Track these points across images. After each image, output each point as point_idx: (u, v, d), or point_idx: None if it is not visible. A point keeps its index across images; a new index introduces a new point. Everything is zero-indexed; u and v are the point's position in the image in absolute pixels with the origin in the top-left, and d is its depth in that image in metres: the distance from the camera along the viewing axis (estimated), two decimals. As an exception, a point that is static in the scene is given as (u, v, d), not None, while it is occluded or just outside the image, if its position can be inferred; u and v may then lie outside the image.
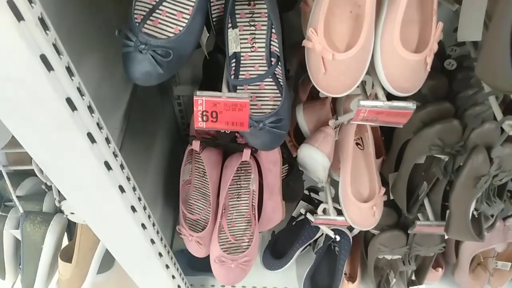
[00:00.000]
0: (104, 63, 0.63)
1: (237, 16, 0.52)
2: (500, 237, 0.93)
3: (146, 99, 1.00)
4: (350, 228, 1.03)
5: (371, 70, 0.54)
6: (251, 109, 0.55)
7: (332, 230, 0.99)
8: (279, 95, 0.54)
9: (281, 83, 0.53)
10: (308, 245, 1.07)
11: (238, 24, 0.52)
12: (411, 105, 0.53)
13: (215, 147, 0.68)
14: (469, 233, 0.72)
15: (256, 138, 0.55)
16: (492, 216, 0.78)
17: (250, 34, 0.53)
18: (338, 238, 0.96)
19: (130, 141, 0.83)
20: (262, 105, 0.56)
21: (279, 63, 0.52)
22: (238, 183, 0.74)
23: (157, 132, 1.03)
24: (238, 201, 0.74)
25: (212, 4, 0.53)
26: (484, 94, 0.68)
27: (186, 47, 0.45)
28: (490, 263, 1.02)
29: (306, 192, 1.02)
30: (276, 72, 0.53)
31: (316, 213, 0.83)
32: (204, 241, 0.72)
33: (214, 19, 0.54)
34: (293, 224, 1.06)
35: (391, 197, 0.86)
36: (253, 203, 0.72)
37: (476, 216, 0.73)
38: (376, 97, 0.55)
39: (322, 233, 1.01)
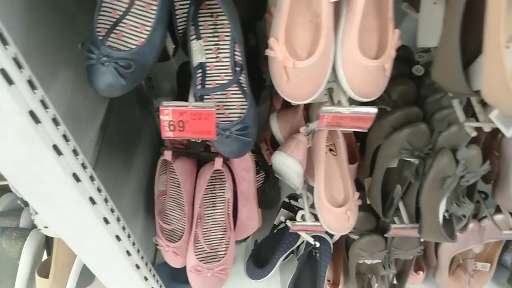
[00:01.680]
0: (79, 76, 0.63)
1: (200, 27, 0.53)
2: (476, 238, 0.94)
3: (125, 112, 1.00)
4: (331, 234, 1.04)
5: (335, 77, 0.56)
6: (219, 117, 0.57)
7: (313, 236, 1.00)
8: (245, 103, 0.55)
9: (246, 92, 0.55)
10: (291, 252, 1.08)
11: (202, 35, 0.53)
12: (372, 110, 0.55)
13: (188, 157, 0.68)
14: (441, 234, 0.73)
15: (224, 146, 0.56)
16: (464, 217, 0.79)
17: (214, 44, 0.54)
18: (318, 244, 0.96)
19: (108, 153, 0.84)
20: (229, 113, 0.57)
21: (243, 72, 0.53)
22: (213, 192, 0.74)
23: (138, 145, 1.03)
24: (214, 210, 0.74)
25: (178, 16, 0.55)
26: (448, 98, 0.70)
27: (147, 58, 0.46)
28: (469, 264, 1.03)
29: (286, 199, 1.03)
30: (241, 81, 0.55)
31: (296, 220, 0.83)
32: (181, 251, 0.72)
33: (180, 31, 0.56)
34: (275, 232, 1.07)
35: (369, 202, 0.88)
36: (228, 212, 0.73)
37: (447, 217, 0.75)
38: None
39: (303, 240, 1.02)
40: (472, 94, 0.48)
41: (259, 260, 1.08)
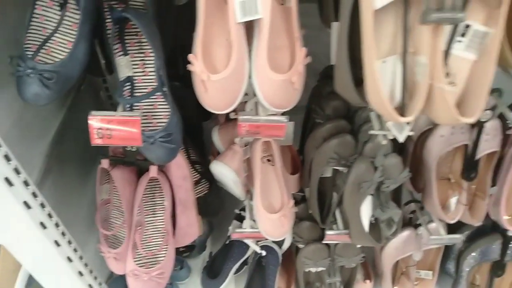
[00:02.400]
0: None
1: (127, 44, 0.59)
2: (413, 244, 0.99)
3: (82, 124, 1.05)
4: (280, 244, 1.08)
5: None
6: (147, 126, 0.62)
7: (261, 246, 1.04)
8: (169, 112, 0.60)
9: (171, 102, 0.60)
10: (245, 264, 1.11)
11: (128, 52, 0.59)
12: (284, 119, 0.61)
13: (127, 165, 0.73)
14: (367, 237, 0.78)
15: (151, 152, 0.61)
16: (394, 222, 0.85)
17: (140, 60, 0.60)
18: (264, 253, 1.00)
19: (61, 166, 0.87)
20: (157, 122, 0.62)
21: (164, 85, 0.59)
22: (153, 199, 0.78)
23: (96, 158, 1.07)
24: (154, 217, 0.78)
25: (108, 34, 0.61)
26: (367, 110, 0.77)
27: (71, 71, 0.51)
28: (412, 272, 1.08)
29: (237, 211, 1.07)
30: (166, 92, 0.60)
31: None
32: (121, 257, 0.76)
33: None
34: (227, 243, 1.10)
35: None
36: (168, 219, 0.77)
37: (373, 222, 0.80)
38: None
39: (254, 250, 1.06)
40: (364, 104, 0.55)
41: (213, 271, 1.11)
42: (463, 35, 0.49)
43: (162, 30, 0.61)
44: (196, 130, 0.97)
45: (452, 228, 1.09)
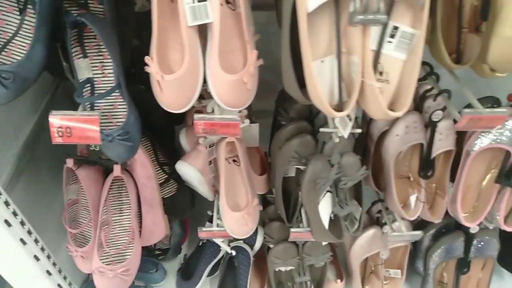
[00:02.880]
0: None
1: (86, 47, 0.62)
2: (379, 243, 1.02)
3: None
4: (251, 244, 1.10)
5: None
6: (108, 125, 0.65)
7: (232, 247, 1.06)
8: (127, 111, 0.64)
9: (129, 101, 0.63)
10: (218, 264, 1.13)
11: (88, 54, 0.63)
12: (236, 117, 0.64)
13: (92, 164, 0.76)
14: (326, 233, 0.81)
15: (110, 150, 0.64)
16: (356, 219, 0.88)
17: (99, 62, 0.63)
18: (234, 253, 1.02)
19: (33, 169, 0.90)
20: (116, 122, 0.65)
21: (121, 86, 0.62)
22: (119, 199, 0.81)
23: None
24: (121, 216, 0.81)
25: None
26: (325, 111, 0.80)
27: (28, 71, 0.54)
28: (380, 270, 1.11)
29: (210, 212, 1.10)
30: (124, 92, 0.63)
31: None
32: (88, 256, 0.78)
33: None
34: (200, 245, 1.13)
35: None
36: (134, 217, 0.79)
37: (333, 218, 0.83)
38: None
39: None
40: (307, 102, 0.58)
41: (188, 273, 1.13)
42: (392, 36, 0.53)
43: (122, 35, 0.64)
44: (168, 133, 1.00)
45: (419, 227, 1.13)
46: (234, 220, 0.84)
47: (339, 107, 0.56)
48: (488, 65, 0.59)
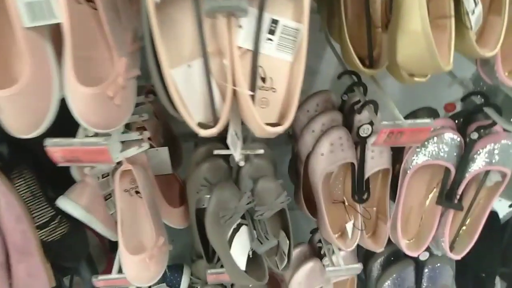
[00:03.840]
0: None
1: None
2: (320, 278, 0.89)
3: None
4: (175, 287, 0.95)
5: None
6: None
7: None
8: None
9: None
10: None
11: None
12: (102, 141, 0.51)
13: None
14: (242, 275, 0.67)
15: None
16: (284, 253, 0.75)
17: None
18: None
19: None
20: None
21: None
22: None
23: None
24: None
25: None
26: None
27: None
28: (327, 307, 0.97)
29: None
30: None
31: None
32: None
33: None
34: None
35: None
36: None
37: (251, 256, 0.70)
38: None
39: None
40: (176, 114, 0.46)
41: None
42: (272, 32, 0.42)
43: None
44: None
45: (369, 254, 1.02)
46: (133, 265, 0.69)
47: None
48: (400, 67, 0.49)
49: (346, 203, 0.81)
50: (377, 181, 0.82)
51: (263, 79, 0.43)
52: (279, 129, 0.39)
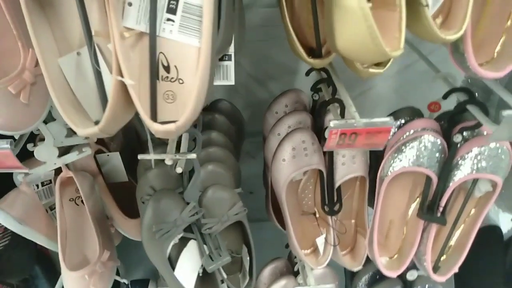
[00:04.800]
0: None
1: None
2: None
3: None
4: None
5: None
6: None
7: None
8: None
9: None
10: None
11: None
12: (4, 145, 0.45)
13: None
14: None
15: None
16: (246, 271, 0.67)
17: None
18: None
19: None
20: None
21: None
22: None
23: None
24: None
25: None
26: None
27: None
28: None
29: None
30: None
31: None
32: None
33: None
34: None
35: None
36: None
37: (201, 275, 0.62)
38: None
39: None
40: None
41: None
42: (173, 11, 0.35)
43: None
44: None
45: (353, 272, 0.92)
46: (71, 282, 0.63)
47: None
48: (339, 54, 0.41)
49: (318, 215, 0.73)
50: (354, 191, 0.73)
51: (167, 68, 0.36)
52: (170, 127, 0.32)
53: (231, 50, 0.47)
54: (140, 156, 0.52)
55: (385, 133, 0.46)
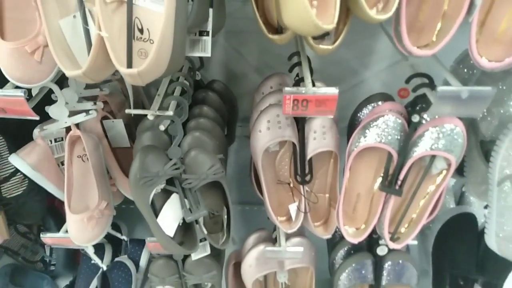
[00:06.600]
0: None
1: None
2: (273, 263, 0.88)
3: None
4: (135, 260, 0.99)
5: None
6: None
7: (115, 262, 0.95)
8: None
9: None
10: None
11: None
12: (19, 93, 0.56)
13: None
14: (168, 242, 0.69)
15: None
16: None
17: None
18: (105, 267, 0.91)
19: None
20: None
21: None
22: None
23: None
24: None
25: None
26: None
27: None
28: (282, 296, 0.96)
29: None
30: None
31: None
32: None
33: None
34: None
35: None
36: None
37: (181, 225, 0.72)
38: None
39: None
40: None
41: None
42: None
43: None
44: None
45: (332, 246, 0.99)
46: (72, 223, 0.74)
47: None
48: (288, 28, 0.49)
49: (292, 185, 0.80)
50: (329, 166, 0.81)
51: (141, 30, 0.45)
52: (133, 71, 0.41)
53: (209, 27, 0.56)
54: (127, 111, 0.62)
55: (332, 101, 0.54)
